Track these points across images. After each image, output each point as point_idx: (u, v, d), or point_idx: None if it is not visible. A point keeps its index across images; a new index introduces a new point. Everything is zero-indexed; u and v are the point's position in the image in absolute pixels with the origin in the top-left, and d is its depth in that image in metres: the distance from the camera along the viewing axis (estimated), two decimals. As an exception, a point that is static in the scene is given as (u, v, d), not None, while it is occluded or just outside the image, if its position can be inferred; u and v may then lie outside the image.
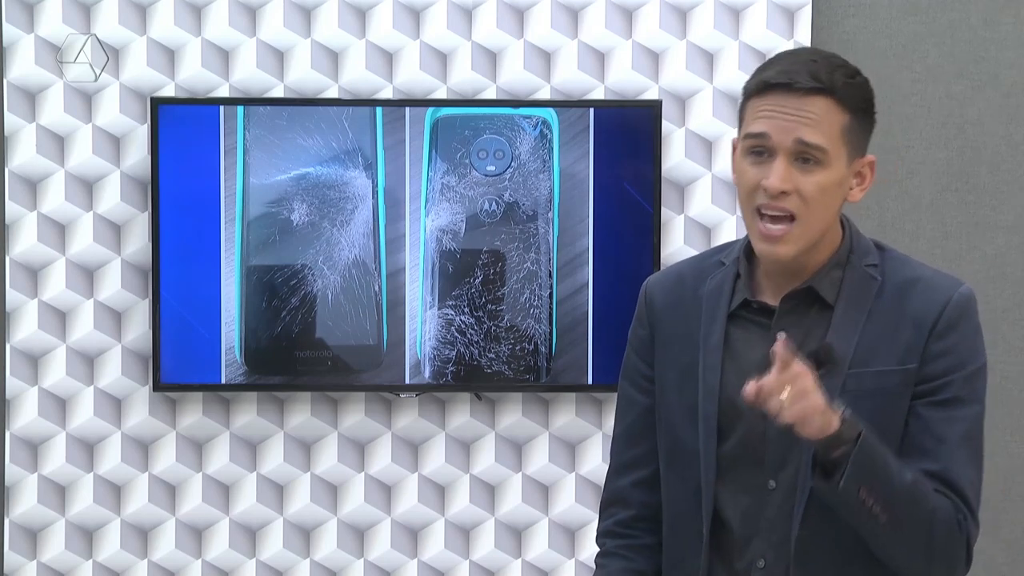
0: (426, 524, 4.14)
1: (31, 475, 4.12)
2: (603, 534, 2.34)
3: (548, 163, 4.04)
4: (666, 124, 4.09)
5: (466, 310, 4.05)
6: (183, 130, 4.02)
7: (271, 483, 4.15)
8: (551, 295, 4.04)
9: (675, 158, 4.10)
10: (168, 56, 4.09)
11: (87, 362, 4.11)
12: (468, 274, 4.05)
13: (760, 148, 2.11)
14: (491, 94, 4.10)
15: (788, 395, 1.99)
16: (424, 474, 4.14)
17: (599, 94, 4.10)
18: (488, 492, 4.15)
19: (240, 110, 4.02)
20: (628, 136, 4.04)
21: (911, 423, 2.12)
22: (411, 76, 4.10)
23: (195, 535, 4.15)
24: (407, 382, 4.06)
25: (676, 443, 2.21)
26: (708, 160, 4.10)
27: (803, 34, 4.11)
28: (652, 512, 2.28)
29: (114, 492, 4.13)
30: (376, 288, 4.05)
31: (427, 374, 4.06)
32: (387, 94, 4.10)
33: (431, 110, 4.03)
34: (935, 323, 2.12)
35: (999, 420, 4.18)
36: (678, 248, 4.07)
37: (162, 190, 4.02)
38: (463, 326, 4.05)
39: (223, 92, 4.09)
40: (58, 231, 4.09)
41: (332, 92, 4.10)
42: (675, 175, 4.10)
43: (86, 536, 4.13)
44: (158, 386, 4.06)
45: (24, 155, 4.09)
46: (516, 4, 4.11)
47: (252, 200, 4.03)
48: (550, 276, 4.05)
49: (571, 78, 4.11)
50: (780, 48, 4.09)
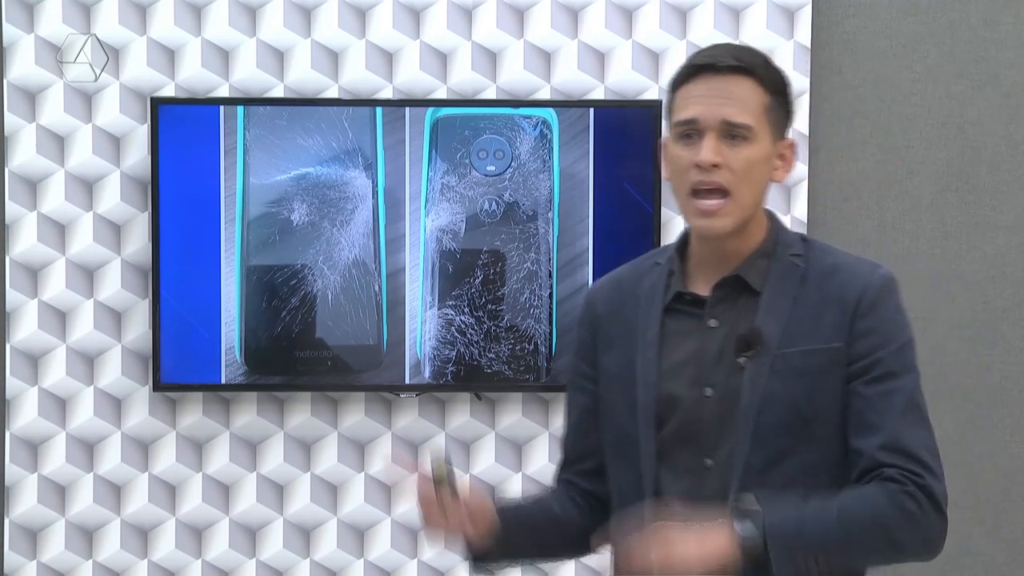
0: (426, 524, 4.14)
1: (31, 475, 4.12)
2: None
3: (548, 163, 4.04)
4: (666, 124, 4.08)
5: (466, 310, 4.05)
6: (183, 130, 4.02)
7: (271, 483, 4.15)
8: (551, 295, 4.04)
9: (675, 158, 4.10)
10: (168, 56, 4.09)
11: (87, 362, 4.11)
12: (468, 274, 4.05)
13: (691, 131, 2.25)
14: (491, 94, 4.10)
15: (655, 557, 2.13)
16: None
17: (599, 94, 4.10)
18: (488, 492, 4.15)
19: (240, 110, 4.02)
20: (628, 136, 4.04)
21: (855, 403, 2.22)
22: (411, 76, 4.11)
23: (195, 535, 4.15)
24: (407, 382, 4.06)
25: (620, 435, 2.33)
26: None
27: (803, 34, 4.11)
28: (594, 494, 2.42)
29: (114, 492, 4.13)
30: (376, 288, 4.05)
31: (427, 374, 4.06)
32: (387, 94, 4.10)
33: (431, 110, 4.04)
34: (857, 303, 2.24)
35: (999, 420, 4.18)
36: (678, 248, 4.07)
37: (162, 190, 4.02)
38: (463, 326, 4.05)
39: (223, 92, 4.09)
40: (58, 231, 4.09)
41: (332, 92, 4.10)
42: (675, 175, 4.10)
43: (86, 536, 4.13)
44: (158, 386, 4.06)
45: (24, 155, 4.09)
46: (516, 4, 4.12)
47: (252, 200, 4.04)
48: (550, 276, 4.05)
49: (571, 78, 4.11)
50: (780, 48, 4.09)
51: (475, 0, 4.11)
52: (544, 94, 4.10)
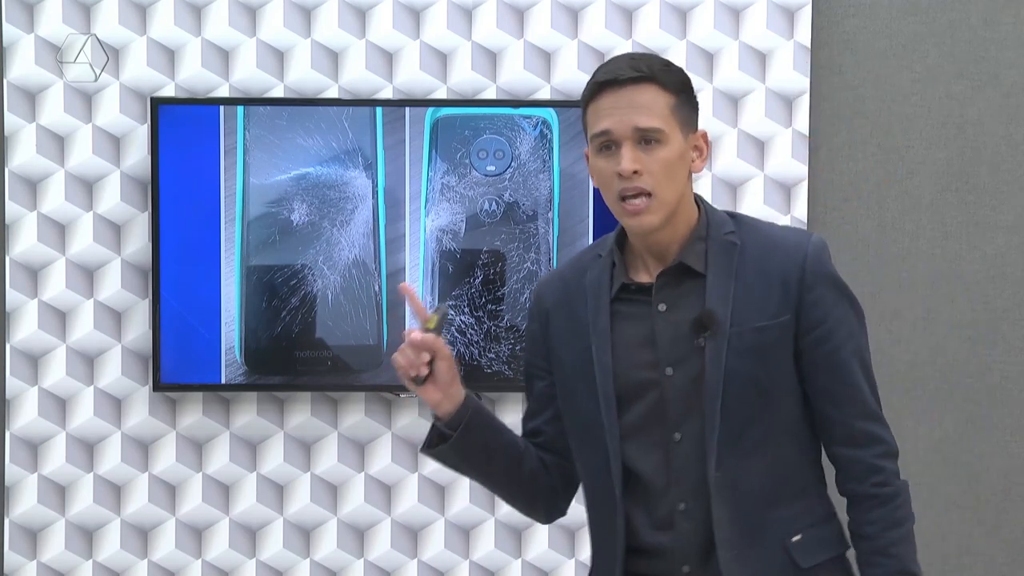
0: (426, 524, 4.14)
1: (31, 475, 4.12)
2: None
3: (548, 163, 4.04)
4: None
5: (466, 310, 4.05)
6: (183, 130, 4.02)
7: (271, 483, 4.15)
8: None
9: (675, 158, 4.10)
10: (168, 56, 4.09)
11: (87, 362, 4.11)
12: (468, 274, 4.05)
13: (607, 143, 2.40)
14: (491, 94, 4.10)
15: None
16: (424, 474, 4.14)
17: (599, 94, 4.10)
18: (488, 492, 4.15)
19: (240, 110, 4.02)
20: (628, 136, 4.04)
21: (817, 373, 2.43)
22: (411, 76, 4.11)
23: (195, 535, 4.15)
24: (407, 382, 4.05)
25: (582, 420, 2.48)
26: (708, 160, 4.10)
27: (803, 34, 4.11)
28: (551, 459, 2.59)
29: (114, 492, 4.13)
30: (376, 288, 4.05)
31: (427, 374, 4.06)
32: (387, 94, 4.10)
33: (431, 110, 4.04)
34: (801, 278, 2.42)
35: (999, 420, 4.18)
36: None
37: (162, 190, 4.02)
38: (463, 326, 4.05)
39: (223, 92, 4.09)
40: (58, 231, 4.10)
41: (332, 92, 4.10)
42: (675, 175, 4.10)
43: (86, 536, 4.13)
44: (158, 386, 4.06)
45: (24, 155, 4.09)
46: (516, 4, 4.12)
47: (252, 200, 4.04)
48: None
49: (571, 78, 4.11)
50: (780, 48, 4.09)
51: (475, 0, 4.11)
52: (544, 94, 4.10)
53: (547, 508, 2.65)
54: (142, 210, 4.09)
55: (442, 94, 4.10)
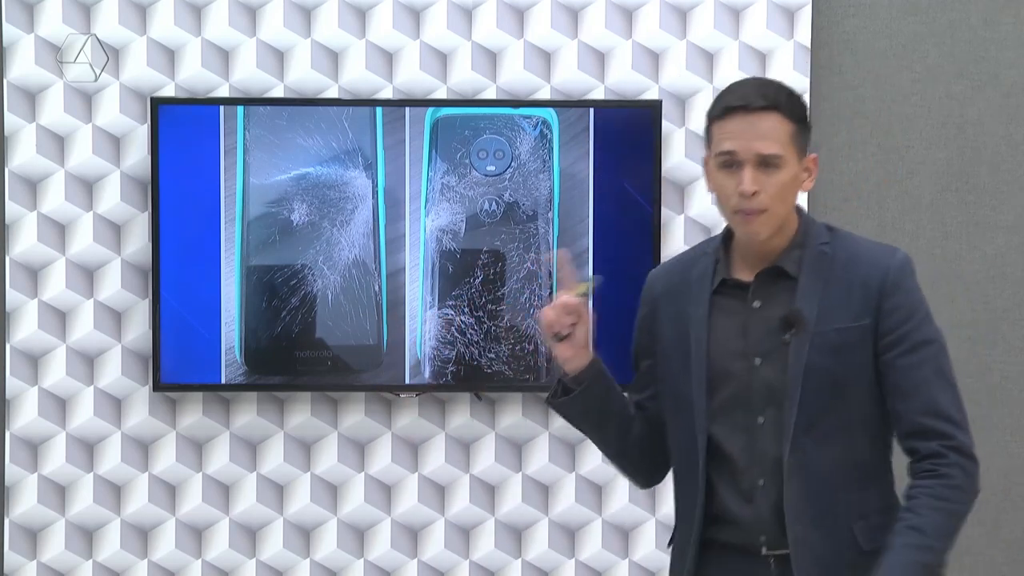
0: (426, 524, 4.14)
1: (31, 475, 4.12)
2: None
3: (548, 163, 4.04)
4: (666, 124, 4.09)
5: (466, 310, 4.05)
6: (183, 130, 4.02)
7: (271, 483, 4.15)
8: (551, 295, 4.04)
9: (675, 158, 4.10)
10: (168, 56, 4.09)
11: (87, 362, 4.11)
12: (468, 274, 4.05)
13: (730, 162, 2.63)
14: (491, 94, 4.10)
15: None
16: (424, 474, 4.14)
17: (599, 94, 4.10)
18: (488, 492, 4.15)
19: (240, 110, 4.02)
20: (628, 136, 4.04)
21: (891, 373, 2.64)
22: (411, 76, 4.11)
23: (195, 535, 4.15)
24: (407, 382, 4.06)
25: (678, 397, 2.73)
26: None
27: (803, 34, 4.11)
28: (650, 431, 2.83)
29: (114, 492, 4.13)
30: (376, 288, 4.05)
31: (427, 374, 4.06)
32: (387, 94, 4.10)
33: (431, 110, 4.04)
34: (881, 285, 2.65)
35: (999, 420, 4.18)
36: (678, 248, 4.06)
37: (162, 190, 4.02)
38: (463, 326, 4.05)
39: (223, 92, 4.09)
40: (58, 231, 4.10)
41: (332, 92, 4.10)
42: (675, 175, 4.10)
43: (86, 536, 4.13)
44: (158, 386, 4.06)
45: (24, 155, 4.09)
46: (516, 4, 4.12)
47: (252, 200, 4.04)
48: (550, 276, 4.05)
49: (571, 78, 4.11)
50: (780, 48, 4.10)
51: (475, 0, 4.11)
52: (544, 94, 4.10)
53: (647, 474, 2.90)
54: (142, 210, 4.09)
55: (442, 94, 4.10)
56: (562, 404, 2.80)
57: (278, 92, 4.10)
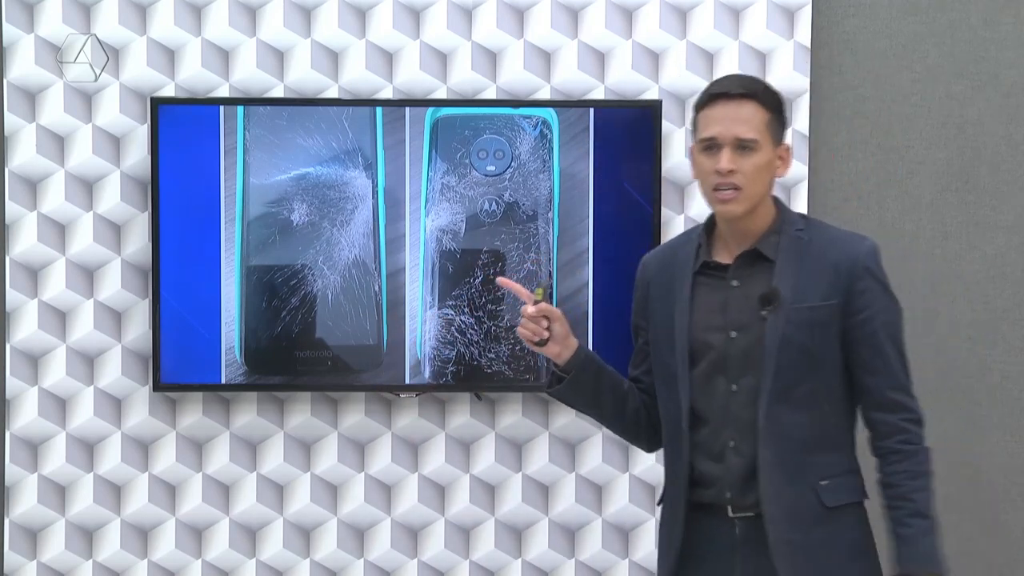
0: (426, 524, 4.14)
1: (31, 475, 4.12)
2: None
3: (548, 163, 4.04)
4: (666, 124, 4.09)
5: (466, 310, 4.05)
6: (183, 130, 4.02)
7: (271, 483, 4.15)
8: (551, 295, 4.04)
9: (675, 158, 4.10)
10: (168, 56, 4.09)
11: (87, 362, 4.11)
12: (468, 274, 4.05)
13: (711, 145, 2.94)
14: (491, 94, 4.10)
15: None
16: (424, 474, 4.14)
17: (599, 94, 4.10)
18: (488, 492, 4.15)
19: (240, 110, 4.02)
20: (628, 136, 4.04)
21: (860, 349, 2.94)
22: (411, 76, 4.11)
23: (195, 535, 4.15)
24: (407, 382, 4.06)
25: (664, 368, 3.04)
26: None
27: (803, 34, 4.11)
28: (648, 401, 3.14)
29: (114, 492, 4.13)
30: (376, 288, 4.05)
31: (427, 374, 4.06)
32: (387, 94, 4.10)
33: (431, 110, 4.04)
34: (852, 269, 2.95)
35: (999, 420, 4.18)
36: (678, 248, 4.07)
37: (162, 190, 4.02)
38: (463, 326, 4.05)
39: (223, 92, 4.09)
40: (58, 231, 4.10)
41: (332, 92, 4.10)
42: (675, 175, 4.10)
43: (86, 536, 4.13)
44: (158, 386, 4.06)
45: (24, 155, 4.09)
46: (516, 4, 4.12)
47: (252, 200, 4.04)
48: (550, 276, 4.05)
49: (571, 78, 4.11)
50: (780, 48, 4.10)
51: (475, 0, 4.11)
52: (544, 94, 4.10)
53: (648, 440, 3.18)
54: (142, 210, 4.09)
55: (442, 94, 4.10)
56: (557, 392, 3.09)
57: (278, 92, 4.10)
